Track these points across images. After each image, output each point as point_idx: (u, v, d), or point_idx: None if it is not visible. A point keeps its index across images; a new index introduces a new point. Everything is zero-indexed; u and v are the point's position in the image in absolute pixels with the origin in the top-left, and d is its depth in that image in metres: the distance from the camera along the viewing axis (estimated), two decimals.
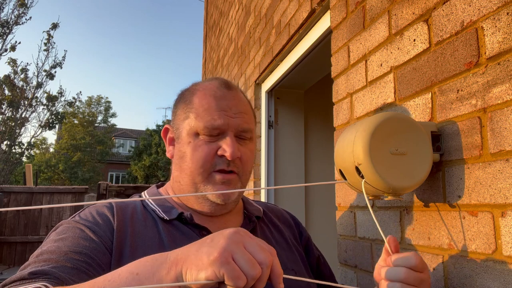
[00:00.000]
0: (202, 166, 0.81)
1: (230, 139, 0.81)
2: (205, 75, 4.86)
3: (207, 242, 0.51)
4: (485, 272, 0.68)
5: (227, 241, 0.49)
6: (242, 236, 0.51)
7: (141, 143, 21.75)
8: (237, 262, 0.48)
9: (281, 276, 0.52)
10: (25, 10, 13.36)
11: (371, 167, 0.71)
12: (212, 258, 0.48)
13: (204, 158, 0.81)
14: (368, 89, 1.09)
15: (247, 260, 0.48)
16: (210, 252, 0.49)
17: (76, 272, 0.65)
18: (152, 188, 0.95)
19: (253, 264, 0.48)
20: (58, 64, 14.16)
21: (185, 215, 0.82)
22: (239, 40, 2.92)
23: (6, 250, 6.77)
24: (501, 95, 0.67)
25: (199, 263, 0.49)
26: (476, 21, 0.73)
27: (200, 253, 0.50)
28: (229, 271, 0.47)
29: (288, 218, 1.04)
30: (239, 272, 0.47)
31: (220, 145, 0.81)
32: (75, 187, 7.60)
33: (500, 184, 0.66)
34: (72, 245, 0.70)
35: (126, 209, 0.82)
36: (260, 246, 0.51)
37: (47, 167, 21.06)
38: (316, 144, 2.57)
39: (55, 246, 0.69)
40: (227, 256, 0.48)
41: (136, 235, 0.78)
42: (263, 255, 0.50)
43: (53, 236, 0.74)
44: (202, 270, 0.48)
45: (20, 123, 13.20)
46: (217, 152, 0.81)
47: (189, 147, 0.82)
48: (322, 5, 1.48)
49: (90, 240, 0.72)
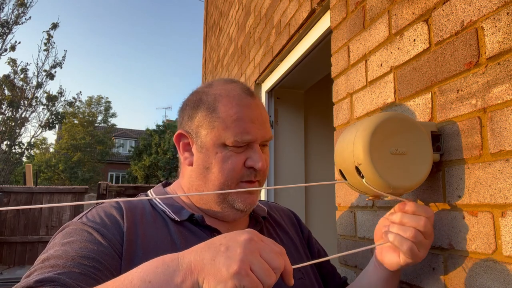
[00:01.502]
0: (232, 178, 0.80)
1: (258, 151, 0.81)
2: (205, 75, 4.86)
3: (221, 250, 0.52)
4: (485, 272, 0.68)
5: (244, 251, 0.51)
6: (256, 243, 0.53)
7: (141, 143, 21.73)
8: (256, 273, 0.50)
9: (291, 272, 0.54)
10: (24, 10, 13.37)
11: (371, 167, 0.71)
12: (232, 272, 0.49)
13: (234, 170, 0.80)
14: (368, 89, 1.09)
15: (265, 270, 0.51)
16: (229, 264, 0.50)
17: (84, 278, 0.63)
18: (158, 187, 0.93)
19: (270, 273, 0.51)
20: (58, 64, 14.17)
21: (196, 217, 0.81)
22: (239, 40, 2.92)
23: (6, 250, 6.77)
24: (501, 95, 0.67)
25: (217, 274, 0.50)
26: (476, 21, 0.73)
27: (217, 263, 0.51)
28: (249, 283, 0.49)
29: (291, 216, 1.05)
30: (258, 282, 0.50)
31: (248, 155, 0.81)
32: (75, 187, 7.60)
33: (500, 184, 0.66)
34: (79, 249, 0.67)
35: (135, 209, 0.80)
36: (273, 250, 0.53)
37: (47, 167, 21.06)
38: (316, 144, 2.57)
39: (61, 251, 0.67)
40: (246, 268, 0.50)
41: (147, 237, 0.76)
42: (277, 262, 0.52)
43: (59, 238, 0.71)
44: (221, 283, 0.49)
45: (20, 123, 13.21)
46: (244, 163, 0.81)
47: (217, 158, 0.80)
48: (322, 5, 1.48)
49: (98, 244, 0.70)
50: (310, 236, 1.03)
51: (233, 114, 0.80)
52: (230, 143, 0.79)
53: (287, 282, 0.54)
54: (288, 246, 0.92)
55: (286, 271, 0.53)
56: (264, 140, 0.84)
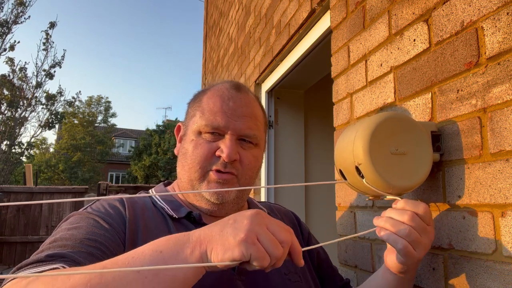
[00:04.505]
0: (199, 164, 0.82)
1: (228, 141, 0.81)
2: (205, 75, 4.86)
3: (229, 223, 0.54)
4: (485, 272, 0.68)
5: (251, 223, 0.52)
6: (263, 217, 0.54)
7: (141, 143, 21.72)
8: (262, 243, 0.51)
9: (301, 253, 0.55)
10: (23, 9, 13.35)
11: (371, 166, 0.71)
12: (239, 239, 0.51)
13: (202, 156, 0.82)
14: (368, 89, 1.09)
15: (271, 241, 0.52)
16: (236, 233, 0.51)
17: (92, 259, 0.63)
18: (160, 186, 0.95)
19: (277, 245, 0.52)
20: (57, 64, 14.16)
21: (194, 215, 0.82)
22: (239, 40, 2.92)
23: (6, 250, 6.77)
24: (501, 95, 0.67)
25: (225, 243, 0.51)
26: (476, 21, 0.73)
27: (225, 233, 0.52)
28: (256, 252, 0.50)
29: (292, 218, 1.04)
30: (265, 253, 0.51)
31: (219, 145, 0.82)
32: (75, 187, 7.61)
33: (500, 184, 0.66)
34: (86, 233, 0.68)
35: (136, 204, 0.82)
36: (280, 225, 0.54)
37: (47, 167, 21.05)
38: (316, 144, 2.57)
39: (69, 234, 0.67)
40: (253, 237, 0.51)
41: (147, 229, 0.77)
42: (284, 235, 0.53)
43: (65, 225, 0.72)
44: (228, 250, 0.51)
45: (19, 123, 13.20)
46: (215, 152, 0.82)
47: (191, 144, 0.84)
48: (322, 5, 1.48)
49: (104, 229, 0.71)
50: (310, 237, 1.02)
51: (211, 103, 0.84)
52: (203, 130, 0.83)
53: (297, 262, 0.55)
54: None
55: (295, 250, 0.55)
56: (241, 134, 0.83)
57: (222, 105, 0.83)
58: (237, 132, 0.83)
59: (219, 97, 0.85)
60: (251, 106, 0.87)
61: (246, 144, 0.85)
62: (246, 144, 0.85)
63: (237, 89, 0.87)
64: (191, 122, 0.87)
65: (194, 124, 0.85)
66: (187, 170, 0.84)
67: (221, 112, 0.83)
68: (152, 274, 0.51)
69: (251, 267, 0.52)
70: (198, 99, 0.89)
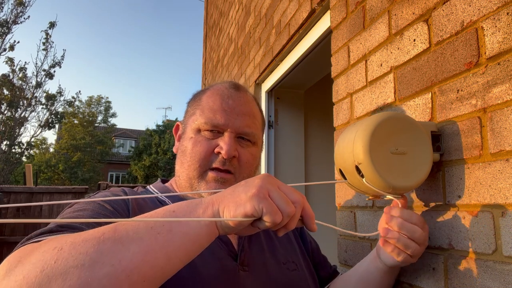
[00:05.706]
0: (198, 162, 0.83)
1: (227, 138, 0.82)
2: (205, 75, 4.86)
3: (241, 184, 0.55)
4: (485, 272, 0.68)
5: (262, 181, 0.53)
6: (275, 179, 0.56)
7: (141, 143, 21.73)
8: (274, 199, 0.52)
9: (313, 217, 0.56)
10: (23, 9, 13.35)
11: (371, 166, 0.71)
12: (250, 194, 0.51)
13: (201, 154, 0.82)
14: (368, 89, 1.09)
15: (283, 198, 0.52)
16: (247, 190, 0.52)
17: None
18: (157, 182, 0.96)
19: (288, 202, 0.52)
20: (57, 64, 14.14)
21: None
22: (239, 40, 2.92)
23: (6, 250, 6.76)
24: (501, 95, 0.67)
25: (237, 200, 0.52)
26: (476, 21, 0.73)
27: (236, 192, 0.53)
28: (268, 206, 0.51)
29: None
30: (276, 208, 0.51)
31: (218, 143, 0.83)
32: (75, 187, 7.60)
33: (500, 184, 0.66)
34: (92, 214, 0.68)
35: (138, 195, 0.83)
36: (292, 189, 0.55)
37: (47, 167, 21.04)
38: (316, 144, 2.57)
39: (75, 215, 0.67)
40: (264, 192, 0.52)
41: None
42: (296, 195, 0.54)
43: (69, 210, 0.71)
44: (240, 206, 0.51)
45: (19, 123, 13.19)
46: (214, 150, 0.83)
47: (190, 142, 0.85)
48: (322, 5, 1.48)
49: (109, 212, 0.71)
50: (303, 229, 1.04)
51: (211, 102, 0.86)
52: (202, 128, 0.84)
53: (310, 227, 0.56)
54: (281, 241, 0.93)
55: (308, 215, 0.55)
56: (240, 132, 0.85)
57: (222, 103, 0.85)
58: (236, 130, 0.84)
59: (218, 95, 0.86)
60: (249, 105, 0.89)
61: (244, 142, 0.86)
62: (244, 142, 0.86)
63: (236, 89, 0.89)
64: (190, 120, 0.88)
65: (194, 122, 0.86)
66: (186, 167, 0.84)
67: (221, 110, 0.84)
68: (166, 230, 0.51)
69: (263, 225, 0.52)
70: (198, 98, 0.90)
